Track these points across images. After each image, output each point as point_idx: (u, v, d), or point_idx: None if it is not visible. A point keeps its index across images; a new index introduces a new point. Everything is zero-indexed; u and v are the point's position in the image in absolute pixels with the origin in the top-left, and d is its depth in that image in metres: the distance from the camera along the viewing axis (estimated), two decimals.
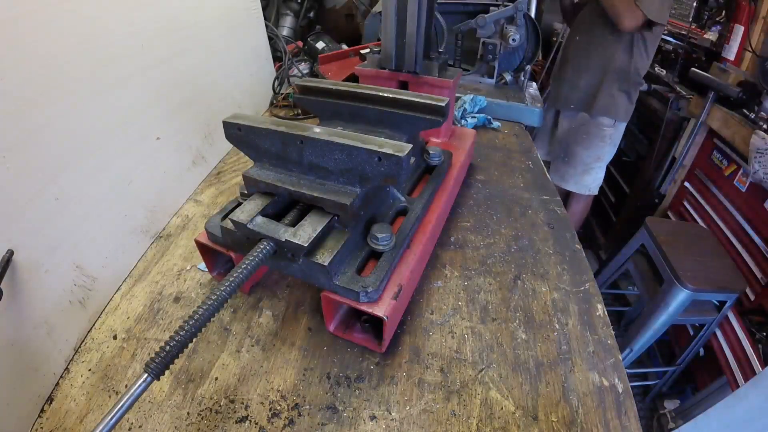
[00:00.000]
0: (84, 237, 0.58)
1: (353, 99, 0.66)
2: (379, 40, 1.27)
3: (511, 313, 0.62)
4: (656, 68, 2.22)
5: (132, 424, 0.49)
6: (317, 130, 0.51)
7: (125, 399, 0.35)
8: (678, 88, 1.97)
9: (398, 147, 0.47)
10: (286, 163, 0.54)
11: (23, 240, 0.48)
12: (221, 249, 0.58)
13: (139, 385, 0.36)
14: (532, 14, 1.23)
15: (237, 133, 0.54)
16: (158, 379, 0.37)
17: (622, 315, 1.95)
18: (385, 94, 0.64)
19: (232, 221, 0.51)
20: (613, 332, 0.60)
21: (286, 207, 0.54)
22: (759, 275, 1.41)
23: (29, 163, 0.49)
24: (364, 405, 0.51)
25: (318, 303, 0.60)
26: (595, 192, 1.80)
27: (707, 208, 1.71)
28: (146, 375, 0.37)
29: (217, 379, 0.53)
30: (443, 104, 0.61)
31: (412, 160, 0.69)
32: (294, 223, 0.50)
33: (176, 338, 0.38)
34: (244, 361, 0.55)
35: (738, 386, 1.32)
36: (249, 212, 0.50)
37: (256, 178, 0.53)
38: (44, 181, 0.51)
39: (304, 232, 0.48)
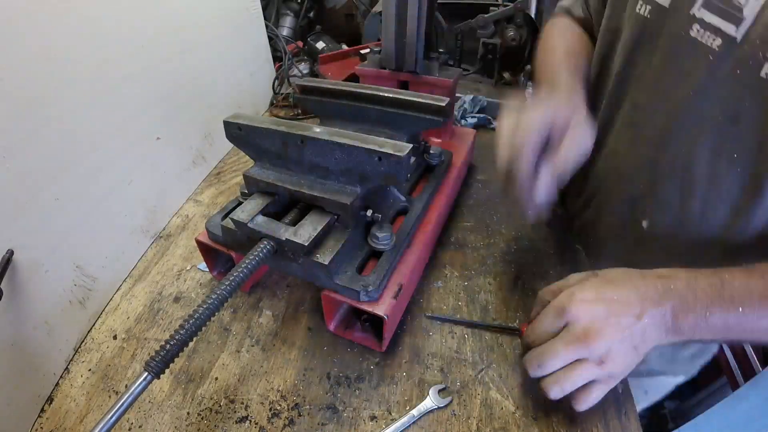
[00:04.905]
0: (84, 237, 0.58)
1: (353, 99, 0.66)
2: (379, 40, 1.27)
3: (512, 313, 0.62)
4: None
5: (132, 423, 0.49)
6: (317, 129, 0.51)
7: (125, 398, 0.35)
8: None
9: (398, 147, 0.47)
10: (286, 162, 0.54)
11: (23, 240, 0.48)
12: (222, 248, 0.58)
13: (139, 384, 0.36)
14: (532, 14, 1.23)
15: (237, 133, 0.54)
16: (158, 378, 0.37)
17: None
18: (386, 94, 0.64)
19: (233, 220, 0.51)
20: None
21: (287, 206, 0.54)
22: None
23: (29, 163, 0.49)
24: (364, 405, 0.51)
25: (318, 303, 0.60)
26: None
27: None
28: (146, 374, 0.37)
29: (217, 379, 0.53)
30: (444, 104, 0.61)
31: (413, 160, 0.69)
32: (294, 223, 0.50)
33: (176, 337, 0.38)
34: (244, 361, 0.55)
35: (738, 386, 1.31)
36: (249, 212, 0.50)
37: (257, 178, 0.53)
38: (44, 181, 0.51)
39: (305, 232, 0.48)
